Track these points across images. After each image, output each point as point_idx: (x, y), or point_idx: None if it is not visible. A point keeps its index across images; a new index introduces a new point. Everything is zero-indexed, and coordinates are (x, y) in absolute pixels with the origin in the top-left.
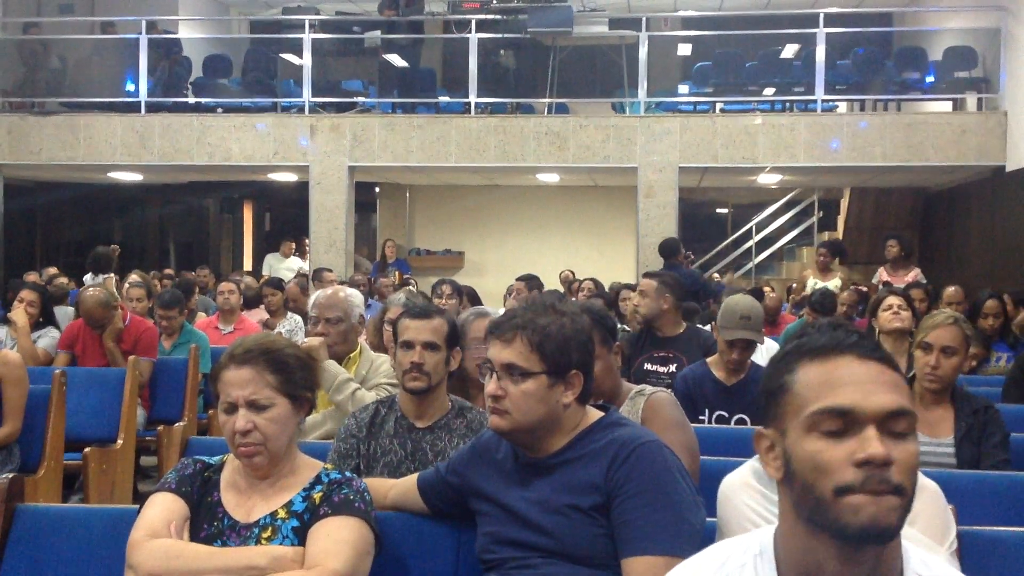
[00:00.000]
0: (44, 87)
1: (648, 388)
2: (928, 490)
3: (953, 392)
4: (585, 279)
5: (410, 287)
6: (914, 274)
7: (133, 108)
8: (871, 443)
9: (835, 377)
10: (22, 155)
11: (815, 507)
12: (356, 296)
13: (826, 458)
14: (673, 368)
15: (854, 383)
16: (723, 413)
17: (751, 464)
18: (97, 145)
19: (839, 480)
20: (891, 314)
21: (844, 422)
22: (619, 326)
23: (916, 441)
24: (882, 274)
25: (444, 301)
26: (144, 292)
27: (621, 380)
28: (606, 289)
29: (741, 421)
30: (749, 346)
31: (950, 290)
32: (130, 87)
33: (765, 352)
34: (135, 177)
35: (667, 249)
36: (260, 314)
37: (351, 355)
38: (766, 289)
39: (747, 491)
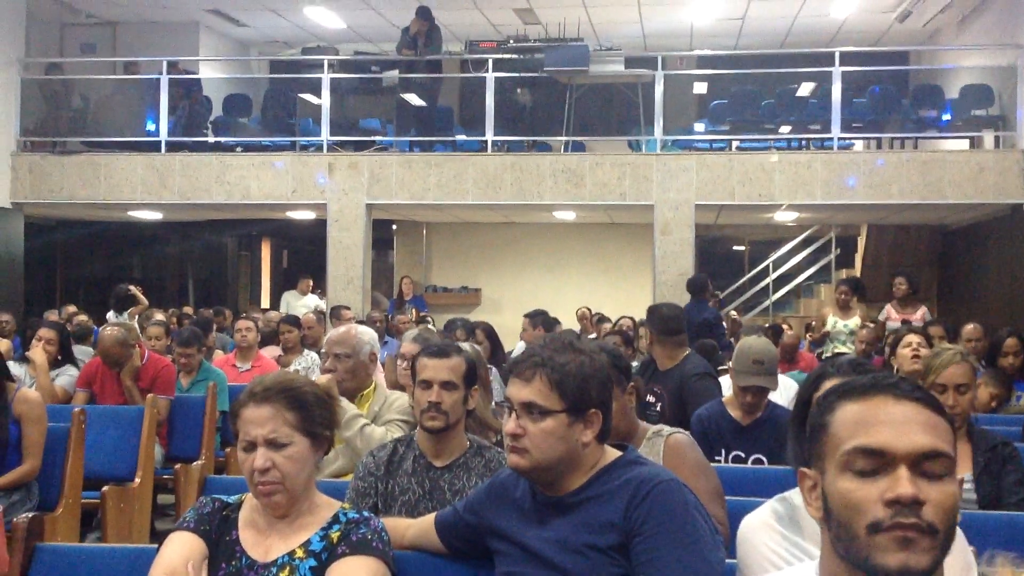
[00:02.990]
0: (66, 126)
1: (665, 428)
2: None
3: (969, 429)
4: (622, 317)
5: (427, 323)
6: (921, 312)
7: (153, 147)
8: (900, 483)
9: (869, 417)
10: (43, 194)
11: (849, 546)
12: (367, 333)
13: (859, 497)
14: (659, 406)
15: (887, 423)
16: (739, 453)
17: (771, 505)
18: (117, 184)
19: (870, 518)
20: (910, 351)
21: (877, 461)
22: (635, 364)
23: (954, 483)
24: (889, 311)
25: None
26: (163, 330)
27: (637, 420)
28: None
29: (758, 461)
30: (762, 390)
31: (969, 327)
32: (151, 126)
33: (783, 391)
34: (155, 215)
35: (694, 286)
36: (276, 351)
37: (365, 392)
38: (784, 327)
39: (767, 532)
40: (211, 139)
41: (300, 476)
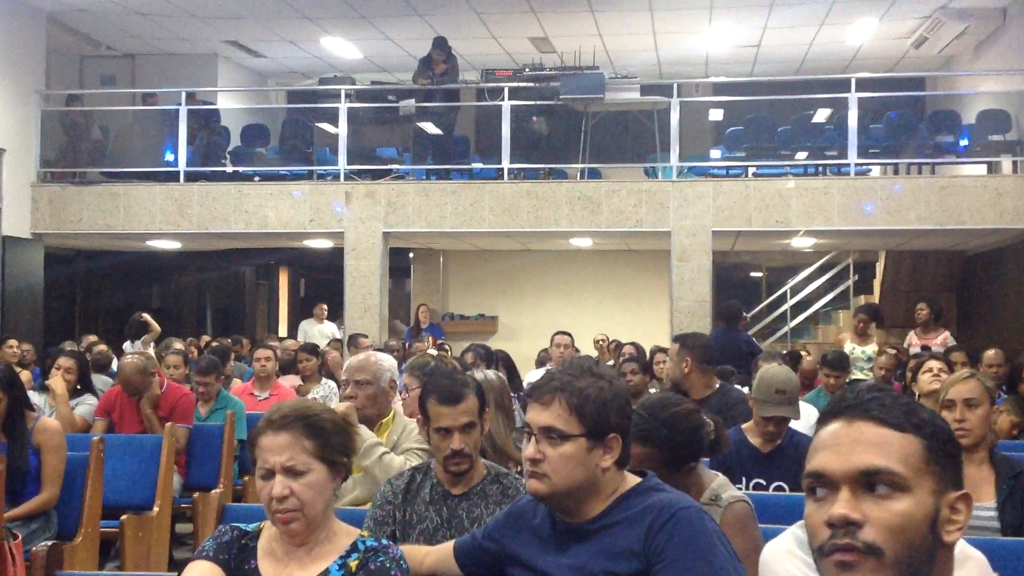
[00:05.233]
0: (85, 157)
1: (723, 494)
2: (973, 560)
3: (992, 455)
4: (627, 343)
5: (445, 351)
6: (943, 337)
7: (172, 177)
8: (836, 504)
9: (821, 441)
10: (63, 224)
11: (818, 569)
12: (387, 360)
13: (812, 521)
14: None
15: (832, 445)
16: (760, 481)
17: (793, 531)
18: (136, 214)
19: (818, 541)
20: (931, 376)
21: (822, 485)
22: (652, 391)
23: (905, 501)
24: (912, 338)
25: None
26: (181, 359)
27: (702, 469)
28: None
29: (779, 489)
30: (785, 419)
31: (990, 353)
32: (169, 157)
33: (803, 416)
34: (173, 245)
35: (728, 313)
36: (295, 380)
37: (384, 420)
38: (803, 353)
39: (789, 559)
40: (229, 169)
41: (318, 504)
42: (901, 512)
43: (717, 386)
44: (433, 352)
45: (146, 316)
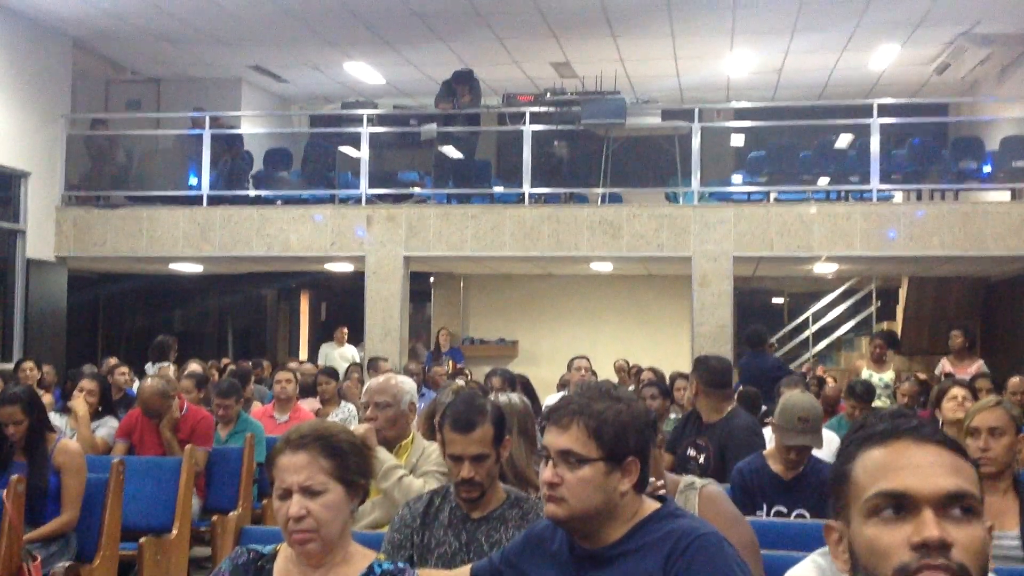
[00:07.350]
0: (110, 181)
1: (697, 480)
2: None
3: (1016, 483)
4: (646, 368)
5: (466, 376)
6: (977, 365)
7: (195, 201)
8: (927, 526)
9: (891, 461)
10: (87, 247)
11: None
12: (407, 383)
13: (885, 543)
14: (702, 459)
15: (911, 466)
16: (781, 508)
17: (813, 559)
18: (160, 237)
19: (897, 563)
20: (955, 404)
21: (901, 505)
22: (673, 416)
23: (982, 526)
24: (945, 365)
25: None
26: (193, 383)
27: (665, 473)
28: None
29: (801, 516)
30: (807, 447)
31: (1015, 380)
32: (193, 181)
33: (825, 443)
34: (196, 268)
35: (754, 338)
36: (315, 403)
37: (403, 443)
38: (828, 379)
39: None
40: (252, 193)
41: (335, 524)
42: (979, 536)
43: (726, 412)
44: (461, 383)
45: (170, 340)
